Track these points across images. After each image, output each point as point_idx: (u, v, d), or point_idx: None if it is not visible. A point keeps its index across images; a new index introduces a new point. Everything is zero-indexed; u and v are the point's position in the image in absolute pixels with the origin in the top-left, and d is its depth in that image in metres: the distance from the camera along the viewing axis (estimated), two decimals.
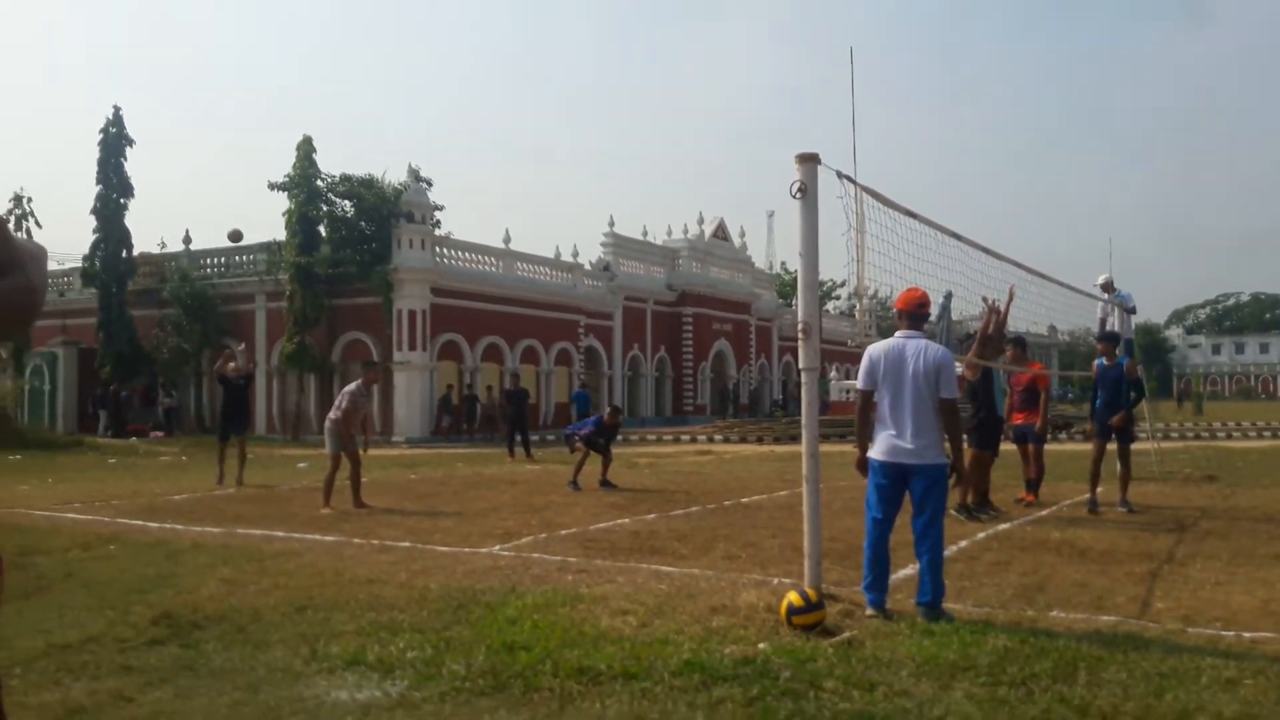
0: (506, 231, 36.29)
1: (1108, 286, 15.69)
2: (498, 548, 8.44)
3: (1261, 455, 20.67)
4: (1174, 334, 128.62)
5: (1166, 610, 6.02)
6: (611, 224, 42.92)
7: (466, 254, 34.97)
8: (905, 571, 6.80)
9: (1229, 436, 29.10)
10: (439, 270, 32.53)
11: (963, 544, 8.54)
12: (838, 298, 75.00)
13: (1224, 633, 5.42)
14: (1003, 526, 9.73)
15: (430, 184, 33.77)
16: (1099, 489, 10.93)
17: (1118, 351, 11.49)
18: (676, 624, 5.49)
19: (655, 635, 5.24)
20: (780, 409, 47.80)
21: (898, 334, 6.07)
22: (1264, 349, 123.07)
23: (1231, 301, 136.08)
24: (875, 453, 5.89)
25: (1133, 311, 15.99)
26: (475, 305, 33.97)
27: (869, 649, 4.97)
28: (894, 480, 5.84)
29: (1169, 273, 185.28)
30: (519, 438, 21.23)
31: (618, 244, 42.79)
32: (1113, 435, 11.04)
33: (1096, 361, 11.39)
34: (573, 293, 38.82)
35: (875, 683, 4.40)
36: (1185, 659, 4.75)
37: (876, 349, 6.03)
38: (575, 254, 40.20)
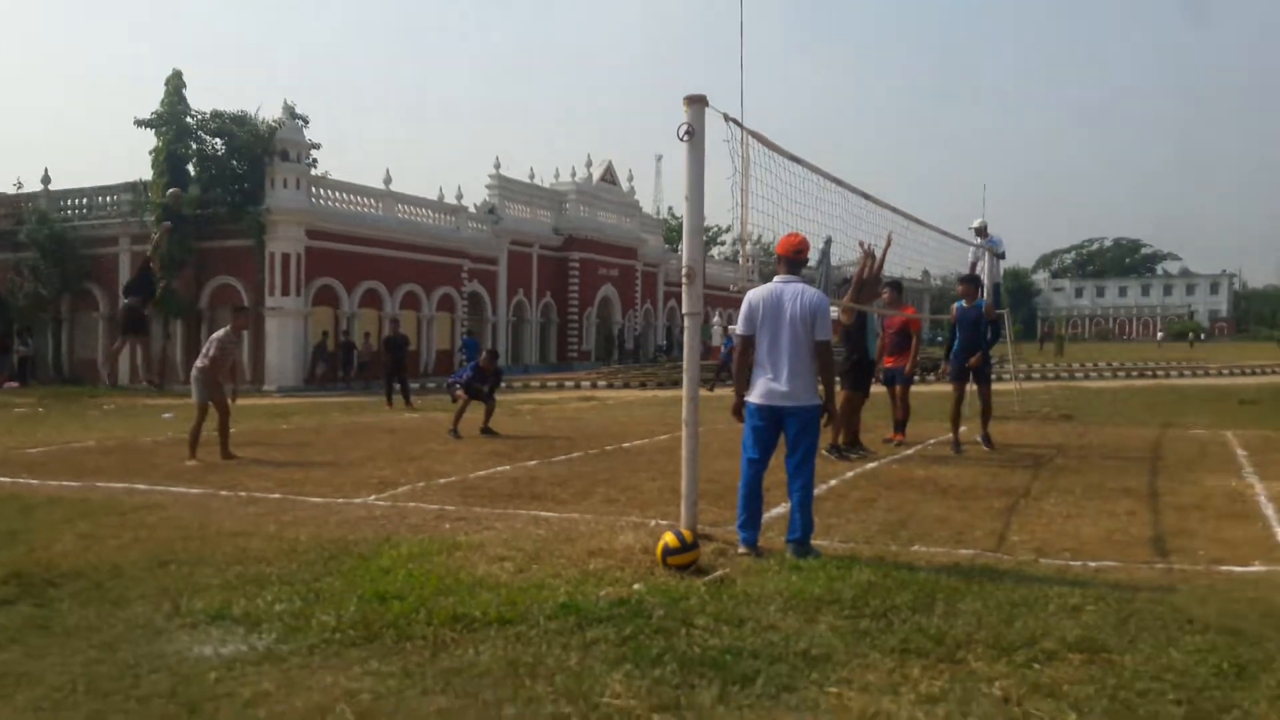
0: (387, 172, 35.43)
1: (982, 230, 16.28)
2: (372, 498, 8.33)
3: (1115, 395, 21.90)
4: (1040, 278, 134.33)
5: (1021, 543, 6.36)
6: (497, 165, 42.15)
7: (344, 195, 33.88)
8: (778, 510, 6.99)
9: (1086, 377, 30.73)
10: (314, 211, 31.46)
11: (832, 483, 8.82)
12: (723, 243, 75.68)
13: (1072, 563, 5.77)
14: (870, 465, 10.08)
15: (306, 121, 32.47)
16: (961, 429, 11.40)
17: (984, 295, 11.93)
18: (553, 568, 5.53)
19: (532, 580, 5.27)
20: (665, 354, 48.21)
21: (776, 279, 6.15)
22: (1123, 292, 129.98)
23: (1095, 246, 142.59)
24: (752, 396, 6.00)
25: (1002, 256, 16.63)
26: (353, 249, 33.03)
27: (740, 586, 5.11)
28: (770, 423, 5.97)
29: (1038, 219, 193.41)
30: (398, 386, 20.89)
31: (503, 186, 42.08)
32: (971, 376, 11.50)
33: (956, 304, 11.79)
34: (456, 236, 38.12)
35: (744, 618, 4.53)
36: (1035, 588, 5.03)
37: (755, 294, 6.12)
38: (459, 196, 39.43)
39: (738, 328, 6.22)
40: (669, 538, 5.60)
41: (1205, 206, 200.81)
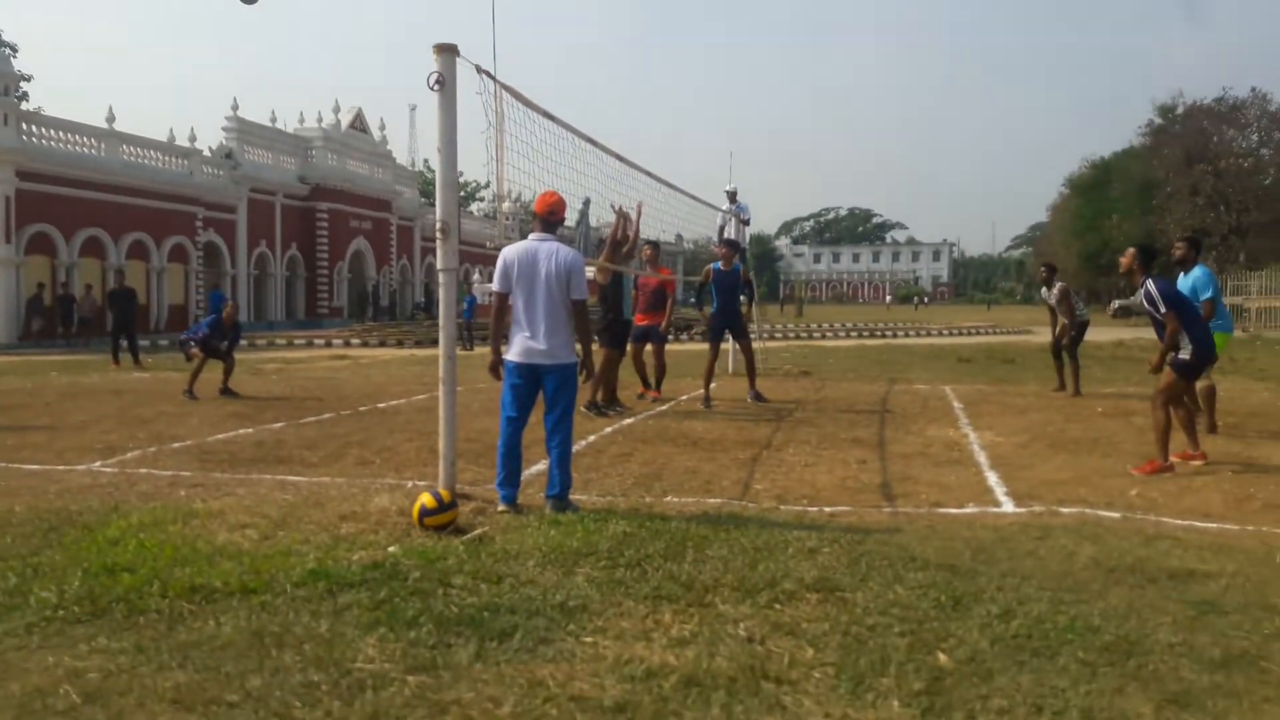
0: (110, 110, 32.31)
1: (733, 196, 16.95)
2: (98, 464, 7.68)
3: (848, 353, 23.50)
4: (783, 244, 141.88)
5: (764, 491, 6.73)
6: (235, 107, 39.53)
7: (61, 134, 30.75)
8: (538, 467, 7.03)
9: (824, 337, 32.82)
10: (26, 151, 28.37)
11: (591, 439, 8.98)
12: (482, 199, 74.73)
13: (809, 508, 6.17)
14: (627, 421, 10.34)
15: (15, 51, 29.17)
16: (713, 385, 11.89)
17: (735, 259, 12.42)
18: (302, 534, 5.32)
19: (278, 547, 5.04)
20: (423, 311, 47.14)
21: (531, 236, 6.14)
22: (856, 258, 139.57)
23: (832, 215, 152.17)
24: (511, 354, 5.99)
25: (747, 223, 17.40)
26: (72, 192, 30.08)
27: (499, 544, 5.11)
28: (528, 380, 5.98)
29: (780, 186, 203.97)
30: (125, 342, 19.28)
31: (242, 130, 39.51)
32: (730, 336, 12.00)
33: (713, 266, 12.23)
34: (189, 181, 35.50)
35: (503, 575, 4.54)
36: (777, 533, 5.34)
37: (510, 251, 6.08)
38: (193, 139, 36.70)
39: (493, 285, 6.18)
40: (426, 498, 5.52)
41: (930, 181, 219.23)
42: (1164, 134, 51.37)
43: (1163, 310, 7.46)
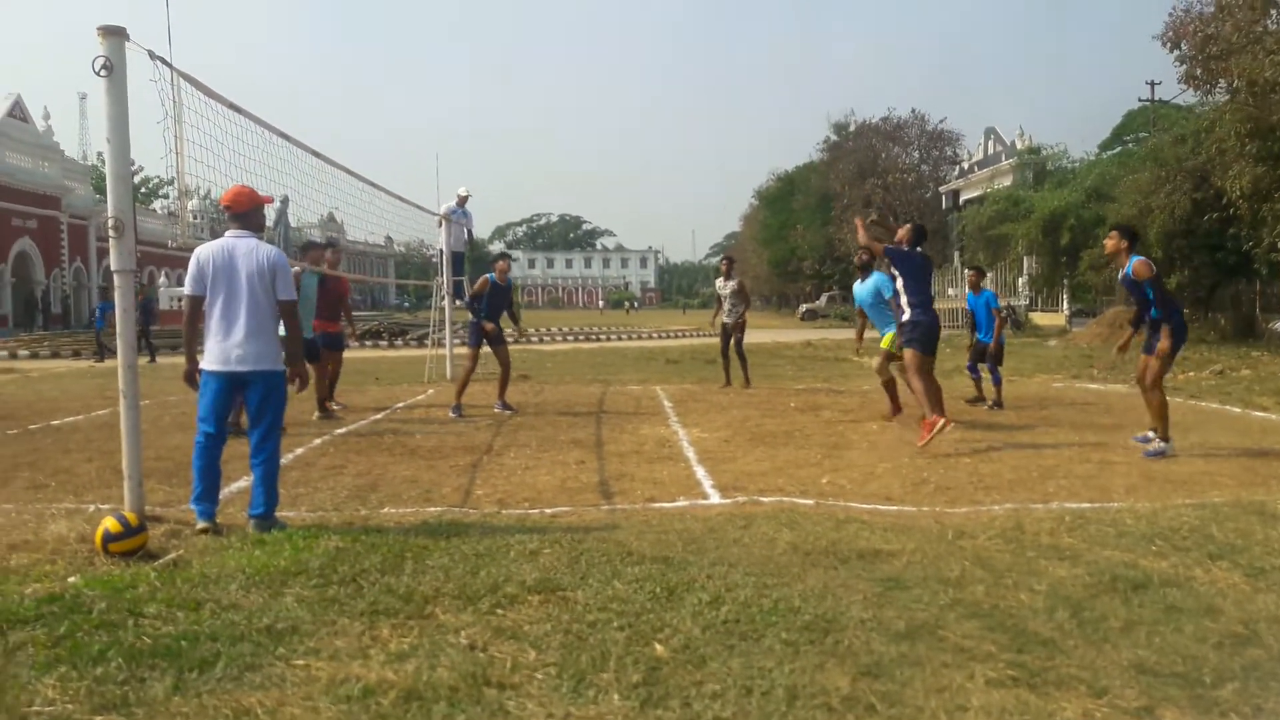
0: None
1: (463, 200, 16.87)
2: None
3: (565, 356, 23.87)
4: (496, 248, 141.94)
5: (485, 496, 6.68)
6: None
7: None
8: (240, 484, 6.59)
9: (540, 341, 33.14)
10: None
11: (299, 451, 8.55)
12: (165, 196, 69.23)
13: (531, 511, 6.19)
14: (339, 431, 9.93)
15: None
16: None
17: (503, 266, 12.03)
18: None
19: None
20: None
21: (228, 234, 5.73)
22: (569, 264, 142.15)
23: (544, 221, 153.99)
24: (207, 363, 5.55)
25: (471, 231, 17.46)
26: None
27: (196, 568, 4.73)
28: (228, 390, 5.59)
29: (490, 190, 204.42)
30: None
31: None
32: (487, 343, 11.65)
33: (489, 276, 11.61)
34: None
35: (202, 601, 4.20)
36: (499, 538, 5.31)
37: (204, 250, 5.64)
38: None
39: (185, 287, 5.70)
40: (110, 522, 5.01)
41: (635, 189, 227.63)
42: (839, 150, 56.17)
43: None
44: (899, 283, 9.02)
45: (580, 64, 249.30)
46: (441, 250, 17.00)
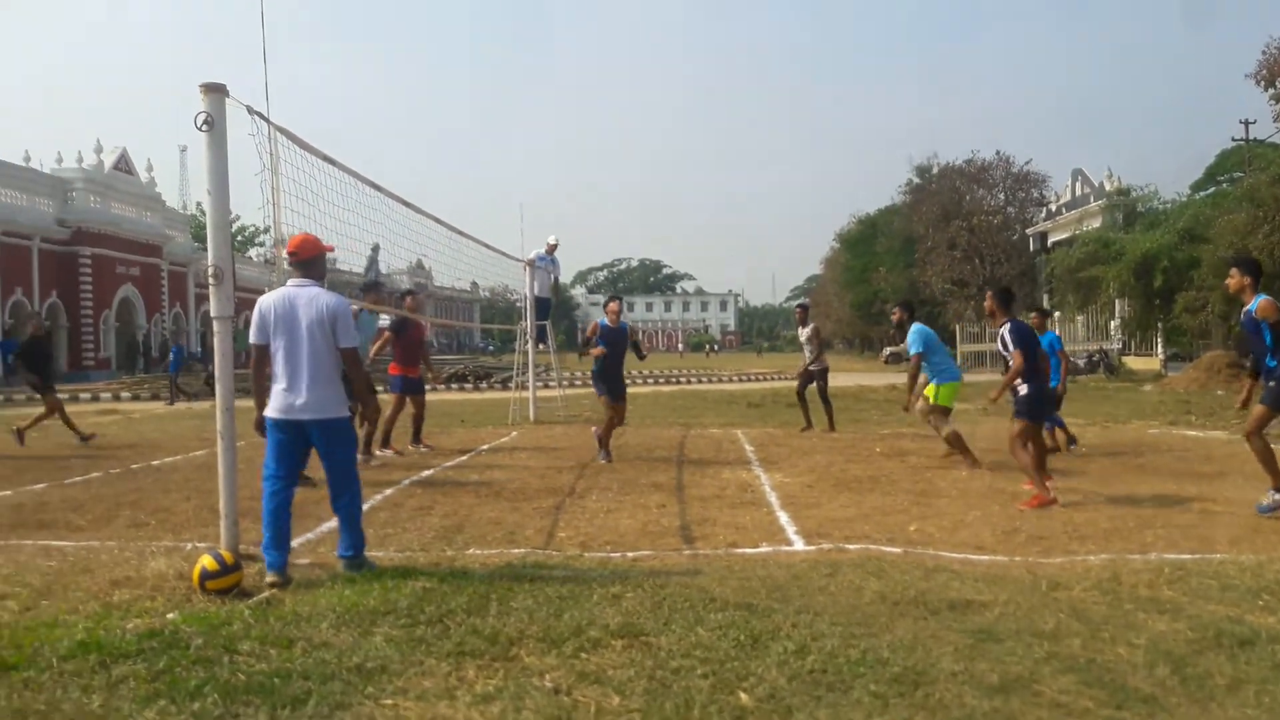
0: None
1: (553, 248, 17.24)
2: None
3: (646, 399, 23.92)
4: (578, 292, 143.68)
5: (568, 539, 6.71)
6: None
7: None
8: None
9: (633, 384, 33.27)
10: None
11: (388, 491, 8.71)
12: (261, 244, 71.78)
13: (613, 554, 6.19)
14: (426, 473, 10.09)
15: None
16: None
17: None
18: (69, 603, 4.88)
19: (42, 618, 4.60)
20: (199, 361, 44.49)
21: (290, 283, 5.74)
22: (649, 307, 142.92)
23: (624, 265, 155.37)
24: (271, 410, 5.58)
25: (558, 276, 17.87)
26: None
27: (289, 606, 4.85)
28: (292, 437, 5.57)
29: (571, 236, 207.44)
30: None
31: None
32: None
33: (600, 322, 11.72)
34: None
35: (294, 638, 4.30)
36: (582, 581, 5.32)
37: (266, 301, 5.68)
38: None
39: (250, 336, 5.69)
40: (207, 560, 5.17)
41: (715, 234, 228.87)
42: (922, 192, 55.59)
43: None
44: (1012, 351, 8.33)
45: (654, 105, 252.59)
46: (526, 295, 17.29)
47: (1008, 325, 8.44)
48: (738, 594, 5.06)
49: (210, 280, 5.86)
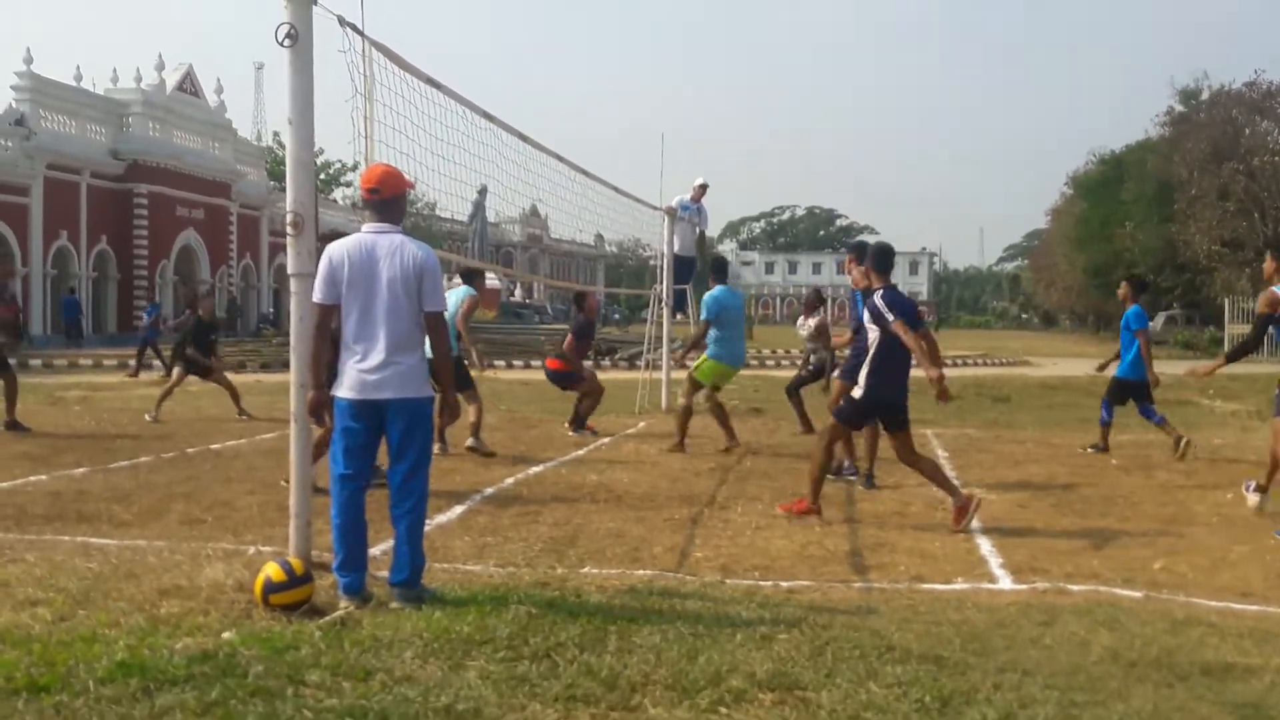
0: None
1: (702, 191, 17.30)
2: None
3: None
4: (728, 248, 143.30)
5: (705, 560, 6.74)
6: (29, 60, 38.60)
7: None
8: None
9: (778, 365, 33.12)
10: None
11: (488, 491, 8.92)
12: (348, 184, 73.86)
13: (762, 582, 6.19)
14: (535, 469, 10.28)
15: None
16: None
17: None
18: (110, 615, 5.16)
19: (79, 632, 4.88)
20: (272, 326, 46.38)
21: (365, 227, 5.68)
22: (816, 269, 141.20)
23: (786, 215, 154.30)
24: (342, 389, 5.55)
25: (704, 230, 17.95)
26: None
27: (367, 629, 5.01)
28: (367, 423, 5.54)
29: (721, 178, 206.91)
30: None
31: (38, 89, 38.66)
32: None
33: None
34: None
35: (372, 670, 4.44)
36: (722, 616, 5.34)
37: (337, 248, 5.56)
38: None
39: (315, 294, 5.62)
40: (272, 570, 5.37)
41: (905, 176, 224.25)
42: (1186, 124, 53.20)
43: None
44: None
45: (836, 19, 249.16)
46: (662, 252, 17.31)
47: None
48: (923, 643, 4.98)
49: (289, 229, 5.94)
